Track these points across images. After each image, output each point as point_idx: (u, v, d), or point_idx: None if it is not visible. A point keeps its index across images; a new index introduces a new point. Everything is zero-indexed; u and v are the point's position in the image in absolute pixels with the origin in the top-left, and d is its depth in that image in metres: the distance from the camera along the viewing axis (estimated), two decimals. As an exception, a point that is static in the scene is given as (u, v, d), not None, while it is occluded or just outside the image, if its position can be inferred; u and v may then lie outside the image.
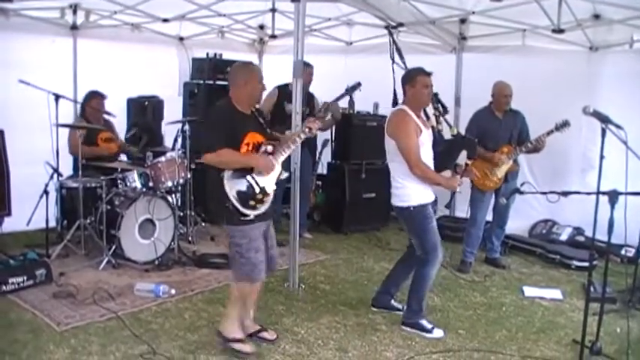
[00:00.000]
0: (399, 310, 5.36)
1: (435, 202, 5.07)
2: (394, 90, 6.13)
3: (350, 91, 7.36)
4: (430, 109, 5.24)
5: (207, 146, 4.20)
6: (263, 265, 4.39)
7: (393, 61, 6.64)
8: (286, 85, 7.40)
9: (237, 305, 4.54)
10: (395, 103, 5.96)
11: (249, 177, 4.27)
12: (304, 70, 7.51)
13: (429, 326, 4.99)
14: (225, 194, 4.18)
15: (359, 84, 7.26)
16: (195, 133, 7.06)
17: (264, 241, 4.45)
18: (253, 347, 4.50)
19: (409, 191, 4.92)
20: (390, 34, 7.08)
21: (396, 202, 5.05)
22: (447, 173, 5.06)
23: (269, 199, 4.37)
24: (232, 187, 4.20)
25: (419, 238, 5.02)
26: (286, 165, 6.48)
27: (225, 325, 4.53)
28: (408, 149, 4.81)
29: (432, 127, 5.11)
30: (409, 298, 5.10)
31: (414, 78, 4.94)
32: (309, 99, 7.51)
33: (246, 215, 4.24)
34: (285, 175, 4.55)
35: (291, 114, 6.10)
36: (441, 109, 5.25)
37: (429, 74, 4.95)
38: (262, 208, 4.33)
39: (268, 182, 4.36)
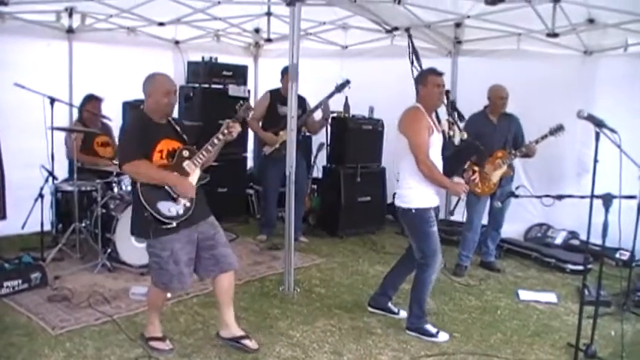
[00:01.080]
0: (394, 313, 5.38)
1: (437, 209, 5.07)
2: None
3: (339, 88, 7.40)
4: (443, 114, 5.27)
5: (124, 157, 4.20)
6: (183, 276, 4.33)
7: (412, 64, 6.66)
8: (278, 89, 7.51)
9: (152, 309, 4.60)
10: None
11: (166, 187, 4.22)
12: (287, 75, 7.66)
13: (434, 330, 4.99)
14: (142, 204, 4.14)
15: (348, 82, 7.33)
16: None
17: (196, 247, 4.40)
18: (170, 344, 4.53)
19: (413, 193, 4.92)
20: (409, 36, 7.10)
21: (399, 203, 5.05)
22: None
23: (191, 204, 4.29)
24: (148, 195, 4.15)
25: (419, 241, 5.02)
26: (281, 169, 6.54)
27: (147, 326, 4.61)
28: (418, 145, 4.80)
29: (443, 132, 5.12)
30: (410, 303, 5.11)
31: (426, 78, 4.98)
32: (300, 101, 7.53)
33: (167, 223, 4.18)
34: (206, 179, 4.44)
35: (284, 116, 6.12)
36: (455, 116, 5.27)
37: (440, 74, 4.98)
38: (184, 214, 4.25)
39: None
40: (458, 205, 6.59)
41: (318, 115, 7.67)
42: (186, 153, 4.35)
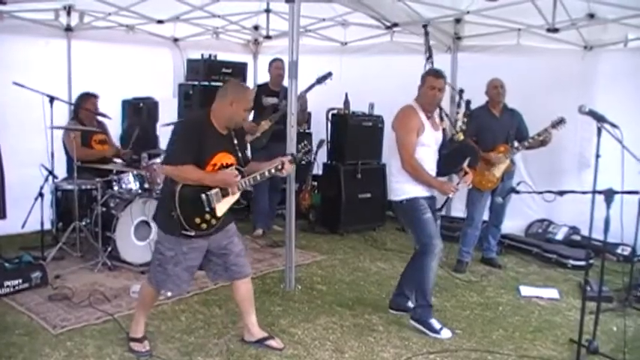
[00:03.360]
0: None
1: (431, 199, 5.07)
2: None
3: (320, 80, 7.40)
4: (451, 112, 5.27)
5: (171, 159, 4.14)
6: (179, 279, 4.31)
7: (427, 60, 6.65)
8: (265, 83, 7.79)
9: (141, 307, 4.58)
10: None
11: (203, 195, 4.16)
12: (271, 64, 7.68)
13: (438, 327, 4.98)
14: (175, 204, 4.08)
15: (329, 73, 7.34)
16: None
17: (205, 254, 4.38)
18: (147, 346, 4.46)
19: (402, 185, 5.00)
20: (426, 33, 7.09)
21: (391, 196, 5.15)
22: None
23: (216, 222, 4.25)
24: (183, 199, 4.10)
25: (414, 229, 5.08)
26: (266, 157, 6.49)
27: (132, 325, 4.58)
28: (404, 145, 4.89)
29: (444, 130, 5.12)
30: (415, 293, 5.14)
31: (425, 78, 5.04)
32: (283, 92, 7.53)
33: (187, 230, 4.14)
34: (242, 203, 4.38)
35: (267, 106, 6.09)
36: (463, 107, 5.29)
37: (439, 77, 4.98)
38: (206, 230, 4.22)
39: (221, 206, 4.25)
40: (447, 204, 6.57)
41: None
42: (235, 173, 4.28)
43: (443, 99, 5.07)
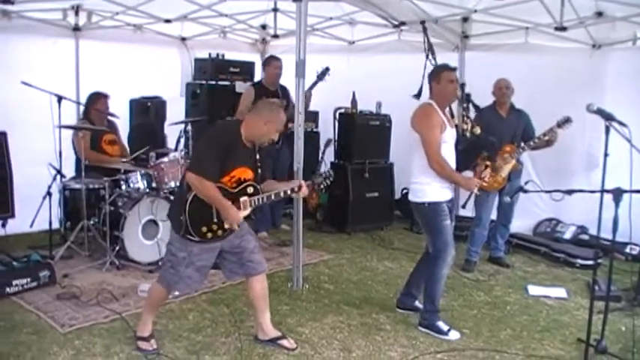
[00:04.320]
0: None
1: (450, 202, 5.05)
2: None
3: (320, 77, 7.39)
4: (456, 108, 5.25)
5: (196, 168, 4.12)
6: (191, 279, 4.34)
7: (427, 58, 6.62)
8: (260, 82, 7.75)
9: (149, 307, 4.58)
10: (419, 95, 5.90)
11: (214, 208, 4.18)
12: (269, 64, 7.62)
13: (445, 328, 4.96)
14: (184, 208, 4.12)
15: (327, 69, 7.34)
16: (195, 138, 7.00)
17: (219, 254, 4.42)
18: (154, 345, 4.48)
19: (425, 187, 4.93)
20: (424, 30, 7.05)
21: (412, 197, 5.07)
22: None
23: (223, 234, 4.28)
24: (193, 206, 4.13)
25: (431, 235, 5.03)
26: (271, 160, 6.53)
27: (139, 324, 4.59)
28: (429, 142, 4.81)
29: (456, 126, 5.10)
30: (424, 298, 5.11)
31: (439, 74, 4.98)
32: (283, 92, 7.53)
33: (192, 236, 4.17)
34: (252, 218, 4.38)
35: None
36: (470, 109, 5.26)
37: (453, 69, 4.99)
38: (212, 240, 4.26)
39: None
40: (470, 200, 6.55)
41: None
42: (250, 189, 4.32)
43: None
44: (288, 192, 4.44)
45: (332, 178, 4.70)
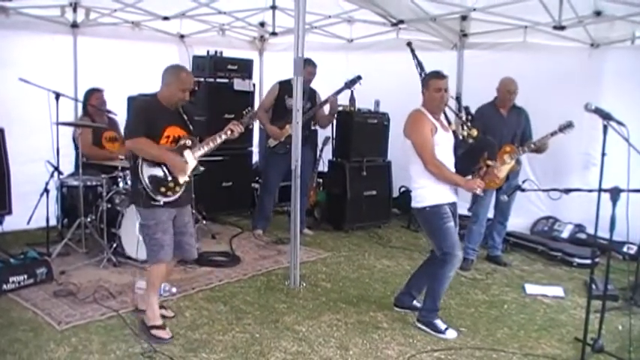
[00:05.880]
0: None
1: (453, 204, 5.03)
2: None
3: (349, 84, 7.42)
4: (451, 114, 5.25)
5: (128, 133, 4.56)
6: (170, 247, 4.65)
7: (420, 74, 6.63)
8: (287, 81, 7.43)
9: (153, 290, 4.77)
10: None
11: (163, 166, 4.54)
12: (304, 68, 7.57)
13: (443, 327, 4.96)
14: (140, 178, 4.47)
15: (359, 77, 7.38)
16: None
17: (172, 226, 4.68)
18: (170, 333, 4.63)
19: (425, 192, 4.93)
20: (412, 51, 7.07)
21: (413, 203, 5.07)
22: None
23: (180, 189, 4.62)
24: (147, 172, 4.49)
25: (435, 238, 5.01)
26: (284, 163, 6.54)
27: (147, 313, 4.73)
28: (422, 146, 4.83)
29: (454, 132, 5.09)
30: (425, 296, 5.10)
31: (428, 82, 5.00)
32: (311, 95, 7.53)
33: (155, 200, 4.50)
34: (200, 169, 4.77)
35: (291, 109, 6.10)
36: (464, 113, 5.24)
37: (442, 77, 4.96)
38: (172, 196, 4.58)
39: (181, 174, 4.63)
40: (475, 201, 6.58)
41: (326, 109, 7.68)
42: (188, 142, 4.68)
43: (449, 99, 5.05)
44: (223, 136, 4.79)
45: (254, 112, 5.31)
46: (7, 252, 6.17)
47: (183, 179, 4.62)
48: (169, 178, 4.56)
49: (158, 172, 4.53)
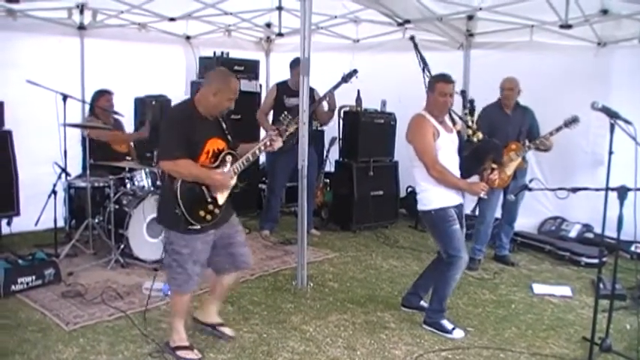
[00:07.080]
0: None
1: (459, 207, 5.01)
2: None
3: (346, 78, 7.40)
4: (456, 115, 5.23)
5: (166, 154, 4.07)
6: (199, 277, 4.32)
7: (423, 72, 6.60)
8: (284, 82, 7.60)
9: (177, 316, 4.43)
10: None
11: (203, 187, 4.15)
12: (294, 69, 7.63)
13: (450, 327, 4.96)
14: (177, 200, 4.04)
15: (355, 71, 7.36)
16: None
17: (214, 248, 4.37)
18: (199, 354, 4.36)
19: (430, 195, 4.91)
20: (415, 45, 7.04)
21: (419, 207, 5.05)
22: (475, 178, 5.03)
23: (219, 211, 4.25)
24: (184, 194, 4.06)
25: (441, 241, 5.01)
26: (289, 163, 6.54)
27: (172, 335, 4.44)
28: (424, 151, 4.81)
29: (459, 132, 5.07)
30: (432, 297, 5.10)
31: (434, 84, 4.93)
32: (309, 92, 7.52)
33: (193, 225, 4.12)
34: (237, 188, 4.40)
35: (291, 107, 6.10)
36: (468, 106, 5.23)
37: (449, 82, 4.90)
38: (211, 220, 4.20)
39: (221, 194, 4.27)
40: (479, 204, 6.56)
41: (325, 105, 7.67)
42: (229, 158, 4.29)
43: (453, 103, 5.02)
44: (262, 148, 4.41)
45: (294, 119, 4.84)
46: (16, 253, 6.20)
47: (223, 199, 4.26)
48: (209, 200, 4.16)
49: (195, 194, 4.11)
